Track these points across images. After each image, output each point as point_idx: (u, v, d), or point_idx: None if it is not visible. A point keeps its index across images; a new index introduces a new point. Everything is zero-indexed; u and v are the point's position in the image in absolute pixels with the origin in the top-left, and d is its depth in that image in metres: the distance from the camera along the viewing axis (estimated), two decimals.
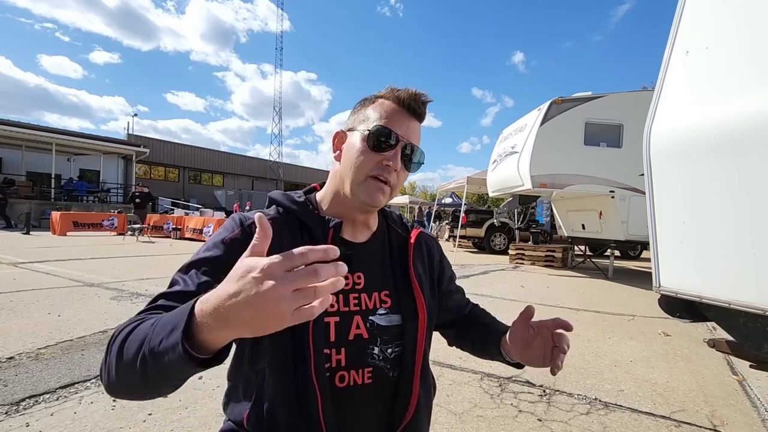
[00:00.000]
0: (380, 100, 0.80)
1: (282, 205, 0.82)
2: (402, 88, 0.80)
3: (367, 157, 0.76)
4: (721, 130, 1.54)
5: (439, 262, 0.96)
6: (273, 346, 0.72)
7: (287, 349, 0.71)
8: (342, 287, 0.46)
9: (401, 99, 0.78)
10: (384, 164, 0.76)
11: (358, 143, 0.77)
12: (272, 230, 0.73)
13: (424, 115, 0.81)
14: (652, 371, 2.81)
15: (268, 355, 0.72)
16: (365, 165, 0.76)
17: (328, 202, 0.84)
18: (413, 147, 0.79)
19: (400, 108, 0.78)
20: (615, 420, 2.07)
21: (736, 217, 1.51)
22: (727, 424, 2.08)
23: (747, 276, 1.48)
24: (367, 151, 0.76)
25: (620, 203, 7.17)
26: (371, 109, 0.79)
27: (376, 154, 0.76)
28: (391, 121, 0.77)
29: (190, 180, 32.69)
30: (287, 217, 0.80)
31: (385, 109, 0.78)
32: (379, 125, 0.76)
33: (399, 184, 0.80)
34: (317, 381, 0.69)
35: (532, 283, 6.76)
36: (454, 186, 13.70)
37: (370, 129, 0.76)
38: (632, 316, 4.52)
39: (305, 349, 0.69)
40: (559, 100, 7.40)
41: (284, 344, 0.71)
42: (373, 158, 0.76)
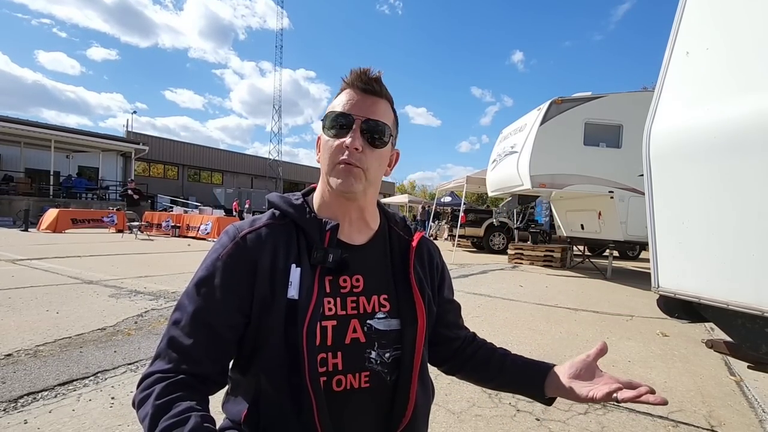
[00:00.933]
0: (339, 91, 0.82)
1: (278, 208, 0.82)
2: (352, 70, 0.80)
3: (329, 145, 0.77)
4: (721, 131, 1.54)
5: (441, 269, 0.95)
6: (267, 353, 0.72)
7: (281, 356, 0.71)
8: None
9: (349, 81, 0.79)
10: (344, 146, 0.75)
11: (323, 137, 0.79)
12: (266, 236, 0.76)
13: (380, 90, 0.79)
14: (650, 371, 2.82)
15: (261, 362, 0.73)
16: (329, 153, 0.77)
17: (319, 203, 0.84)
18: (373, 122, 0.76)
19: (350, 89, 0.78)
20: (613, 420, 2.07)
21: (735, 218, 1.52)
22: (725, 424, 2.09)
23: (745, 277, 1.49)
24: (328, 139, 0.77)
25: (619, 204, 7.18)
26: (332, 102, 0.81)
27: (337, 140, 0.76)
28: (343, 104, 0.77)
29: (190, 178, 32.67)
30: (283, 221, 0.80)
31: (339, 96, 0.79)
32: (331, 111, 0.78)
33: (372, 165, 0.77)
34: (312, 387, 0.69)
35: (531, 282, 6.77)
36: (453, 185, 13.70)
37: (323, 118, 0.78)
38: (630, 317, 4.53)
39: (299, 355, 0.69)
40: (559, 100, 7.41)
41: (278, 351, 0.71)
42: (334, 144, 0.76)
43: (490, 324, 3.86)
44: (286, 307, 0.72)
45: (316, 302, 0.72)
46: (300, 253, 0.76)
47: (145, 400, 0.64)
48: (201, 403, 0.65)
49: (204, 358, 0.70)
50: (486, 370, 0.92)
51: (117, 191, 21.66)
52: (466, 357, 0.96)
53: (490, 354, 0.94)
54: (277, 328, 0.71)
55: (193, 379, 0.68)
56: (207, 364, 0.70)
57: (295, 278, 0.73)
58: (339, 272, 0.78)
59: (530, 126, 7.60)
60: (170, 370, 0.67)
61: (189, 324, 0.70)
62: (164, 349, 0.70)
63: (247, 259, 0.73)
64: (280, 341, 0.71)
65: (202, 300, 0.71)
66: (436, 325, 0.94)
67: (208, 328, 0.70)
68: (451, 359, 0.98)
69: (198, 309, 0.71)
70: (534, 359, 0.91)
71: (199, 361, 0.69)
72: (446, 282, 0.96)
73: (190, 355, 0.69)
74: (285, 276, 0.73)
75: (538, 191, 7.97)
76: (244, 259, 0.73)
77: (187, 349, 0.69)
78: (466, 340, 0.99)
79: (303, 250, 0.76)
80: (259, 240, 0.75)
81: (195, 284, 0.73)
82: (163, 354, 0.69)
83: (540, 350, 3.16)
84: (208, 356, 0.70)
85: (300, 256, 0.76)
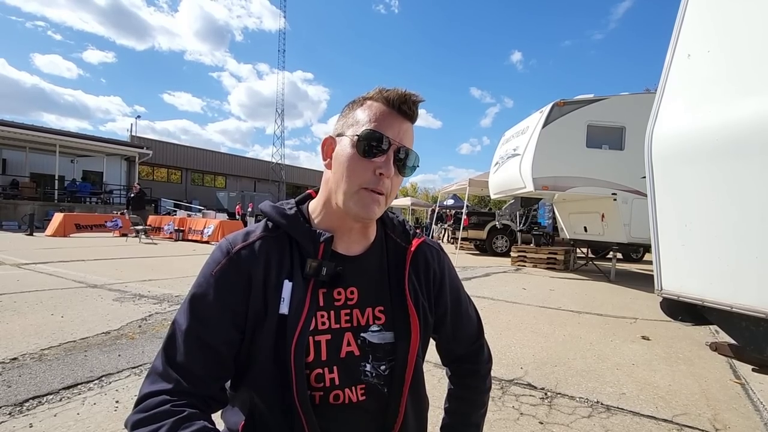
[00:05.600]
0: (368, 102, 0.75)
1: (271, 219, 0.79)
2: (391, 88, 0.74)
3: (358, 165, 0.71)
4: (723, 134, 1.54)
5: (440, 276, 0.88)
6: (258, 370, 0.72)
7: (272, 373, 0.71)
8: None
9: (391, 100, 0.73)
10: (377, 173, 0.71)
11: (348, 149, 0.72)
12: (259, 250, 0.74)
13: (416, 116, 0.76)
14: (654, 374, 2.80)
15: (253, 379, 0.73)
16: (357, 174, 0.71)
17: (320, 213, 0.79)
18: (407, 151, 0.74)
19: (389, 109, 0.73)
20: (617, 423, 2.06)
21: (738, 221, 1.51)
22: (729, 427, 2.07)
23: (748, 279, 1.48)
24: (358, 157, 0.71)
25: (622, 206, 7.16)
26: (360, 111, 0.74)
27: (367, 161, 0.71)
28: (381, 124, 0.72)
29: (193, 181, 32.81)
30: (276, 233, 0.77)
31: (375, 112, 0.73)
32: (368, 129, 0.71)
33: (394, 190, 0.76)
34: (300, 404, 0.69)
35: (534, 285, 6.75)
36: (455, 188, 13.70)
37: (360, 134, 0.71)
38: (634, 319, 4.50)
39: (288, 373, 0.69)
40: (561, 102, 7.40)
41: (269, 368, 0.71)
42: (365, 166, 0.71)
43: (492, 327, 3.85)
44: (277, 323, 0.71)
45: (306, 317, 0.71)
46: (293, 266, 0.74)
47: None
48: (212, 427, 0.64)
49: (205, 376, 0.68)
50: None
51: (121, 195, 21.79)
52: (450, 387, 0.97)
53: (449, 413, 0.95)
54: (267, 344, 0.70)
55: (197, 401, 0.67)
56: (209, 383, 0.69)
57: (286, 293, 0.72)
58: (333, 285, 0.76)
59: (532, 128, 7.60)
60: (173, 391, 0.65)
61: (186, 342, 0.69)
62: (164, 367, 0.68)
63: (241, 274, 0.72)
64: (270, 358, 0.70)
65: (198, 317, 0.70)
66: (451, 343, 0.93)
67: (207, 347, 0.69)
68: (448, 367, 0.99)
69: (194, 327, 0.69)
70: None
71: (200, 381, 0.68)
72: (446, 290, 0.89)
73: (192, 374, 0.67)
74: (277, 291, 0.72)
75: (541, 194, 7.96)
76: (238, 275, 0.72)
77: (188, 368, 0.67)
78: (461, 361, 0.96)
79: (296, 263, 0.74)
80: (252, 254, 0.73)
81: (189, 301, 0.71)
82: (163, 373, 0.67)
83: (543, 353, 3.15)
84: (210, 375, 0.69)
85: (293, 270, 0.74)
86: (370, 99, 0.75)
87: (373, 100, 0.75)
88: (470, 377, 0.95)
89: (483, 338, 0.98)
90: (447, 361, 0.98)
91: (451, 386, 0.97)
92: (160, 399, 0.64)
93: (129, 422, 0.63)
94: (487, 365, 0.97)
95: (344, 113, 0.78)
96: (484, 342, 0.98)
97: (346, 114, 0.77)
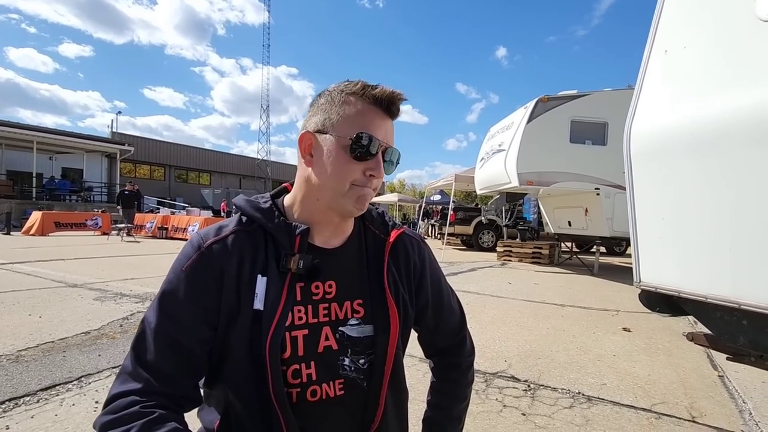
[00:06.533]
0: (352, 98, 0.72)
1: (245, 213, 0.76)
2: (377, 87, 0.72)
3: (348, 167, 0.71)
4: (698, 128, 1.57)
5: (420, 267, 0.87)
6: (233, 367, 0.71)
7: (247, 370, 0.70)
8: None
9: (380, 100, 0.71)
10: (367, 174, 0.72)
11: (337, 151, 0.71)
12: (232, 245, 0.73)
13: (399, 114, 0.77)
14: (635, 365, 2.87)
15: (227, 376, 0.72)
16: (348, 175, 0.71)
17: (298, 208, 0.78)
18: (393, 150, 0.75)
19: (377, 109, 0.72)
20: (597, 413, 2.11)
21: (712, 214, 1.55)
22: (705, 415, 2.13)
23: (723, 271, 1.52)
24: (348, 159, 0.70)
25: (605, 200, 7.29)
26: (345, 109, 0.71)
27: (358, 163, 0.71)
28: (370, 125, 0.71)
29: (177, 178, 32.30)
30: (251, 227, 0.75)
31: (362, 111, 0.71)
32: (361, 133, 0.70)
33: (379, 185, 0.77)
34: (277, 401, 0.68)
35: (519, 279, 6.83)
36: (442, 183, 13.77)
37: (352, 137, 0.70)
38: (616, 312, 4.60)
39: (263, 369, 0.68)
40: (546, 98, 7.48)
41: (244, 365, 0.70)
42: (356, 167, 0.71)
43: (478, 321, 3.88)
44: (252, 319, 0.69)
45: (282, 313, 0.70)
46: (268, 260, 0.73)
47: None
48: (183, 428, 0.63)
49: (177, 376, 0.67)
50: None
51: (102, 193, 21.33)
52: (432, 380, 0.97)
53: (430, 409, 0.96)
54: (242, 341, 0.69)
55: (169, 401, 0.65)
56: (180, 382, 0.67)
57: (260, 289, 0.70)
58: (311, 278, 0.75)
59: (517, 124, 7.67)
60: (143, 391, 0.63)
61: (156, 341, 0.67)
62: (133, 367, 0.66)
63: (213, 270, 0.70)
64: (245, 355, 0.69)
65: (169, 315, 0.68)
66: (432, 335, 0.93)
67: (178, 345, 0.67)
68: (430, 360, 0.99)
69: (165, 325, 0.67)
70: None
71: (172, 380, 0.66)
72: (426, 282, 0.88)
73: (162, 373, 0.65)
74: (251, 287, 0.71)
75: (526, 189, 8.05)
76: (210, 270, 0.70)
77: (158, 367, 0.65)
78: (443, 354, 0.96)
79: (271, 258, 0.73)
80: (225, 249, 0.71)
81: (159, 298, 0.69)
82: (133, 373, 0.65)
83: (527, 346, 3.19)
84: (181, 373, 0.67)
85: (267, 265, 0.72)
86: (353, 95, 0.72)
87: (357, 96, 0.72)
88: (452, 370, 0.95)
89: (466, 330, 0.97)
90: (429, 354, 0.98)
91: (434, 379, 0.97)
92: (129, 400, 0.62)
93: (97, 424, 0.62)
94: (469, 358, 0.96)
95: (322, 106, 0.74)
96: (466, 334, 0.97)
97: (326, 108, 0.73)
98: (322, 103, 0.74)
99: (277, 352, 0.69)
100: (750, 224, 1.43)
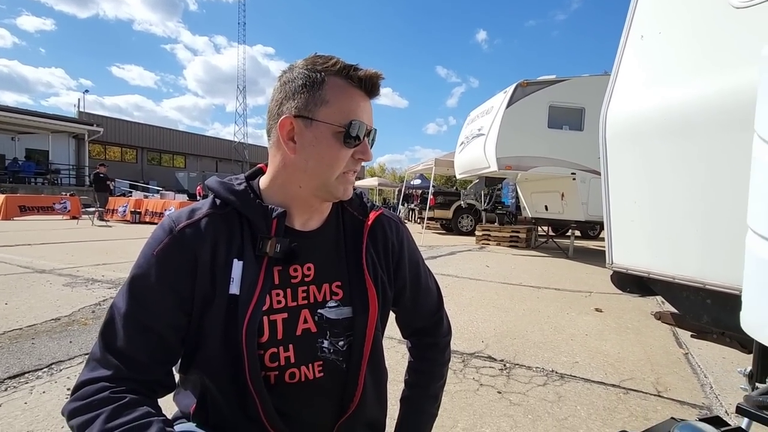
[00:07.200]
0: (335, 80, 0.69)
1: (219, 195, 0.74)
2: (357, 67, 0.71)
3: (341, 154, 0.70)
4: (671, 113, 1.60)
5: (398, 249, 0.87)
6: (208, 352, 0.70)
7: (223, 355, 0.69)
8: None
9: (363, 81, 0.70)
10: (356, 158, 0.72)
11: (327, 139, 0.69)
12: (205, 229, 0.71)
13: None
14: (605, 343, 2.98)
15: (203, 362, 0.71)
16: (340, 163, 0.71)
17: (275, 191, 0.76)
18: (374, 131, 0.75)
19: (360, 91, 0.71)
20: (569, 390, 2.19)
21: (680, 198, 1.60)
22: (670, 389, 2.24)
23: (690, 253, 1.58)
24: (340, 147, 0.70)
25: (581, 185, 7.45)
26: (328, 92, 0.69)
27: (348, 150, 0.71)
28: (357, 110, 0.70)
29: (150, 161, 31.29)
30: (224, 210, 0.73)
31: (349, 95, 0.70)
32: (354, 120, 0.69)
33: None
34: (253, 386, 0.67)
35: (497, 262, 6.97)
36: (422, 168, 13.79)
37: (344, 125, 0.69)
38: (589, 293, 4.75)
39: (239, 354, 0.67)
40: (525, 83, 7.53)
41: (219, 350, 0.69)
42: (346, 154, 0.71)
43: (456, 303, 3.95)
44: (227, 304, 0.68)
45: (259, 297, 0.69)
46: (243, 244, 0.71)
47: (91, 421, 0.57)
48: (155, 411, 0.62)
49: (148, 362, 0.65)
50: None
51: (71, 176, 20.50)
52: (410, 360, 0.98)
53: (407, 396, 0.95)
54: (217, 326, 0.68)
55: (140, 386, 0.64)
56: (152, 368, 0.66)
57: (236, 273, 0.69)
58: (289, 262, 0.74)
59: (497, 109, 7.71)
60: (113, 377, 0.62)
61: (126, 327, 0.65)
62: (102, 354, 0.64)
63: (185, 254, 0.68)
64: (220, 340, 0.68)
65: (139, 300, 0.66)
66: (411, 315, 0.93)
67: (149, 331, 0.65)
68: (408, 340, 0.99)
69: (135, 310, 0.65)
70: (402, 422, 0.92)
71: (143, 366, 0.65)
72: (405, 263, 0.88)
73: (133, 360, 0.64)
74: (226, 271, 0.69)
75: (505, 173, 8.15)
76: (182, 255, 0.68)
77: (128, 353, 0.64)
78: (420, 334, 0.96)
79: (247, 241, 0.71)
80: (197, 233, 0.69)
81: (129, 283, 0.67)
82: (102, 360, 0.64)
83: (503, 327, 3.27)
84: (153, 360, 0.66)
85: (243, 248, 0.71)
86: (336, 76, 0.69)
87: (341, 78, 0.69)
88: (429, 350, 0.96)
89: (443, 311, 0.98)
90: (406, 335, 0.99)
91: (411, 359, 0.98)
92: (98, 386, 0.61)
93: (66, 410, 0.60)
94: (446, 338, 0.98)
95: (300, 88, 0.69)
96: (443, 314, 0.98)
97: (306, 90, 0.69)
98: (299, 85, 0.70)
99: (253, 337, 0.68)
100: (717, 208, 1.48)
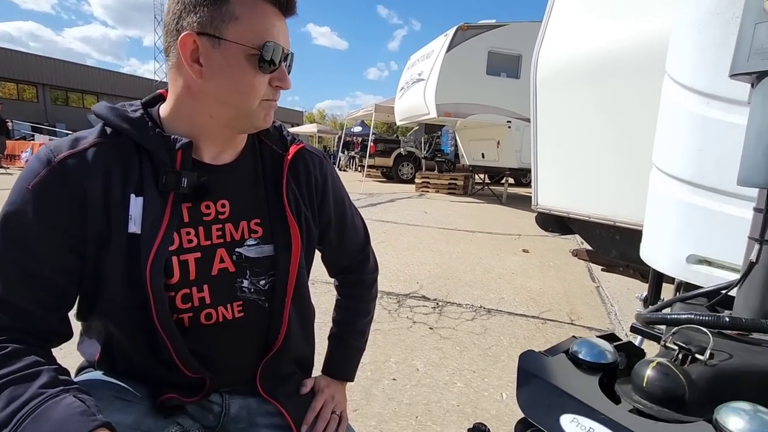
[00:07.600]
0: None
1: (109, 123, 0.64)
2: None
3: (257, 81, 0.63)
4: (594, 57, 1.64)
5: (322, 185, 0.83)
6: (110, 296, 0.63)
7: (127, 298, 0.62)
8: None
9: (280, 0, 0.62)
10: (274, 85, 0.66)
11: (240, 63, 0.61)
12: (94, 160, 0.60)
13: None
14: (529, 280, 3.23)
15: (105, 306, 0.64)
16: (258, 91, 0.64)
17: (179, 121, 0.67)
18: (291, 55, 0.68)
19: (274, 8, 0.62)
20: (494, 322, 2.36)
21: (598, 141, 1.68)
22: (582, 318, 2.50)
23: (605, 193, 1.69)
24: (257, 73, 0.62)
25: (515, 133, 7.70)
26: (237, 6, 0.60)
27: (264, 76, 0.64)
28: (272, 28, 0.62)
29: (55, 101, 27.55)
30: (118, 139, 0.64)
31: (262, 12, 0.61)
32: (269, 42, 0.61)
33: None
34: (163, 328, 0.63)
35: (435, 209, 7.17)
36: (362, 114, 13.47)
37: (259, 47, 0.61)
38: (518, 235, 5.07)
39: (145, 296, 0.61)
40: (465, 26, 7.41)
41: (122, 294, 0.62)
42: (263, 80, 0.64)
43: (394, 248, 4.04)
44: (127, 244, 0.61)
45: (165, 236, 0.62)
46: (143, 178, 0.63)
47: None
48: (45, 360, 0.56)
49: (36, 309, 0.58)
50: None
51: None
52: (337, 298, 0.98)
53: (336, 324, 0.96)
54: (117, 268, 0.61)
55: (28, 336, 0.57)
56: (41, 316, 0.59)
57: (135, 211, 0.62)
58: (199, 198, 0.67)
59: (437, 53, 7.58)
60: None
61: (4, 273, 0.57)
62: None
63: (71, 188, 0.59)
64: (122, 283, 0.62)
65: (16, 242, 0.57)
66: (336, 252, 0.90)
67: (33, 276, 0.57)
68: (334, 278, 0.98)
69: (13, 254, 0.57)
70: (330, 358, 0.93)
71: (29, 315, 0.57)
72: (329, 199, 0.84)
73: (16, 308, 0.57)
74: (123, 208, 0.62)
75: (444, 120, 8.21)
76: (66, 189, 0.59)
77: (10, 301, 0.56)
78: (347, 272, 0.95)
79: (147, 175, 0.63)
80: (84, 164, 0.60)
81: (2, 223, 0.58)
82: None
83: (438, 269, 3.42)
84: (42, 307, 0.58)
85: (143, 183, 0.63)
86: None
87: None
88: (356, 287, 0.96)
89: (369, 248, 0.96)
90: (333, 273, 0.97)
91: (338, 297, 0.98)
92: None
93: None
94: (372, 274, 0.97)
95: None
96: (370, 252, 0.97)
97: (204, 2, 0.59)
98: None
99: (159, 278, 0.62)
100: (630, 150, 1.57)
